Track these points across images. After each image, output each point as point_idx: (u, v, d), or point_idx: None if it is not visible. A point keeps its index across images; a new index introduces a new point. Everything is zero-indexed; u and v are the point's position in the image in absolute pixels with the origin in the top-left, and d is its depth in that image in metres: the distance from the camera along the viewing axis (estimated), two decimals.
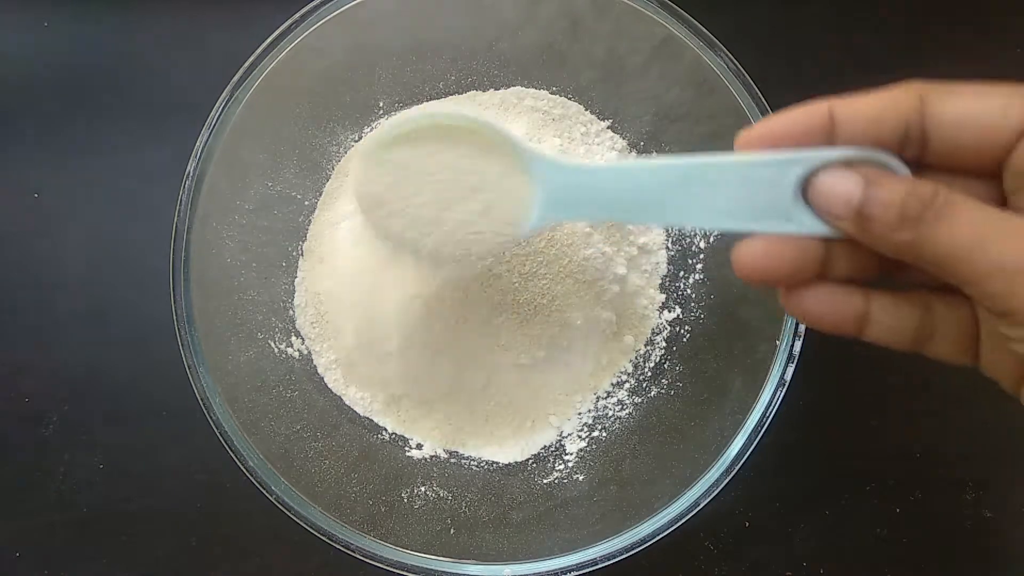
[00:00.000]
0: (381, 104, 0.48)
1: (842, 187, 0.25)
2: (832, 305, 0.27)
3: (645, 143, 0.48)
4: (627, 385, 0.46)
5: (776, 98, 0.40)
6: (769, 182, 0.27)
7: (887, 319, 0.27)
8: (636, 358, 0.47)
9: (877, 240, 0.25)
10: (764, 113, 0.40)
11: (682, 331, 0.46)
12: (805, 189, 0.26)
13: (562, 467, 0.45)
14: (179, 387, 0.39)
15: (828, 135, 0.26)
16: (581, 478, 0.44)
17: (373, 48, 0.45)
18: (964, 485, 0.47)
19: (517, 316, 0.42)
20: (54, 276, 0.49)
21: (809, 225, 0.27)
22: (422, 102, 0.48)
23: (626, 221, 0.29)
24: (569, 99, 0.48)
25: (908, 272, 0.28)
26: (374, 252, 0.43)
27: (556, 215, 0.31)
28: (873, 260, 0.27)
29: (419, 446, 0.45)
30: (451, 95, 0.48)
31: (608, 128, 0.48)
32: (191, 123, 0.40)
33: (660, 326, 0.47)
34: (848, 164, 0.26)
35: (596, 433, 0.46)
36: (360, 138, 0.48)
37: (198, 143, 0.40)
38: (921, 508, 0.47)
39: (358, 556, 0.38)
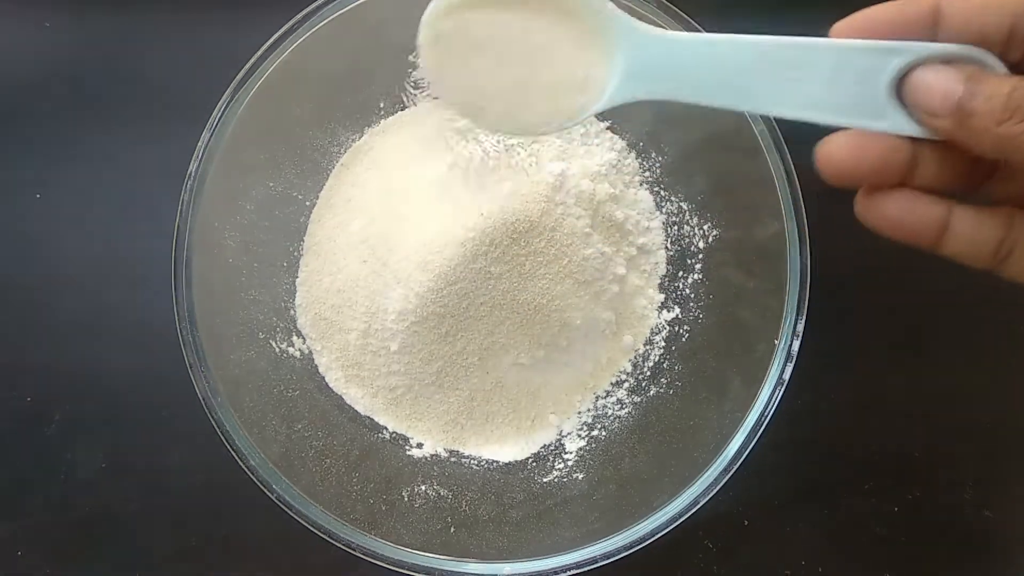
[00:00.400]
0: (381, 104, 0.48)
1: (942, 82, 0.25)
2: (913, 212, 0.27)
3: (644, 144, 0.48)
4: (626, 384, 0.47)
5: None
6: (864, 72, 0.26)
7: (968, 231, 0.27)
8: (635, 358, 0.47)
9: (977, 136, 0.25)
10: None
11: (681, 331, 0.46)
12: (899, 86, 0.26)
13: (562, 466, 0.45)
14: (180, 387, 0.39)
15: (931, 29, 0.25)
16: (580, 477, 0.44)
17: (374, 49, 0.45)
18: (964, 485, 0.47)
19: (517, 316, 0.43)
20: (55, 276, 0.49)
21: (901, 124, 0.26)
22: (423, 102, 0.48)
23: (707, 103, 0.28)
24: None
25: (992, 186, 0.27)
26: (375, 251, 0.44)
27: (634, 90, 0.29)
28: (959, 169, 0.27)
29: (419, 445, 0.45)
30: None
31: (607, 128, 0.48)
32: (192, 123, 0.40)
33: (659, 326, 0.47)
34: (947, 62, 0.25)
35: (595, 432, 0.46)
36: (361, 136, 0.48)
37: (199, 144, 0.40)
38: (921, 508, 0.47)
39: (359, 554, 0.38)
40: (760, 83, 0.27)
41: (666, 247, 0.48)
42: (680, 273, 0.47)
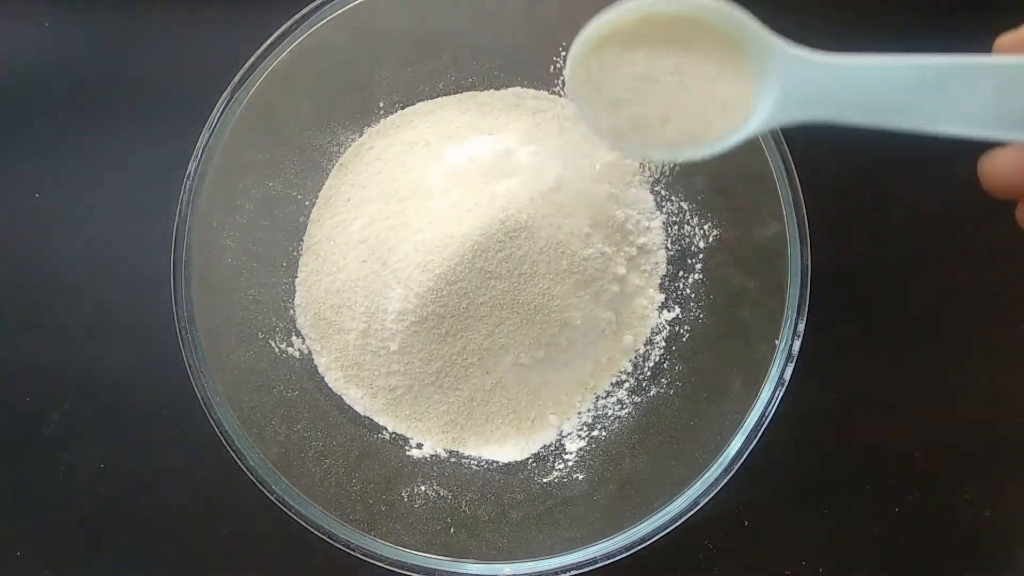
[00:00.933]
0: (381, 104, 0.48)
1: None
2: None
3: None
4: (626, 384, 0.47)
5: None
6: None
7: None
8: (635, 358, 0.47)
9: None
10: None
11: (681, 331, 0.46)
12: None
13: (562, 466, 0.45)
14: (179, 387, 0.39)
15: None
16: (581, 477, 0.44)
17: (373, 48, 0.45)
18: (964, 485, 0.47)
19: (517, 316, 0.43)
20: (54, 276, 0.49)
21: None
22: (422, 102, 0.48)
23: (865, 125, 0.28)
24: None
25: None
26: (374, 251, 0.44)
27: (791, 114, 0.29)
28: None
29: (419, 445, 0.45)
30: (450, 95, 0.48)
31: None
32: (191, 123, 0.40)
33: (659, 326, 0.47)
34: None
35: (596, 432, 0.46)
36: (361, 136, 0.48)
37: (199, 143, 0.40)
38: (920, 508, 0.47)
39: (358, 555, 0.38)
40: (923, 103, 0.27)
41: (666, 247, 0.48)
42: (680, 273, 0.47)
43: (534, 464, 0.45)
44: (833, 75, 0.28)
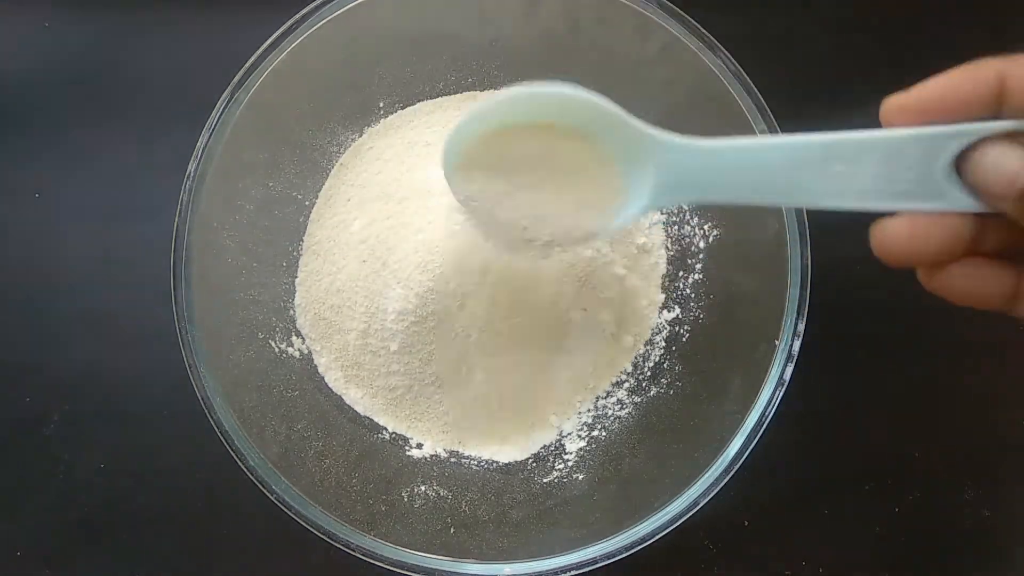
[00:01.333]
0: (381, 104, 0.48)
1: (1007, 164, 0.23)
2: (980, 281, 0.26)
3: None
4: (627, 385, 0.47)
5: (776, 99, 0.40)
6: (920, 159, 0.24)
7: None
8: (636, 358, 0.47)
9: None
10: (764, 114, 0.39)
11: (681, 331, 0.46)
12: (958, 163, 0.24)
13: (562, 466, 0.45)
14: (179, 387, 0.39)
15: (993, 105, 0.24)
16: (581, 477, 0.44)
17: (373, 48, 0.45)
18: (963, 485, 0.47)
19: (517, 316, 0.43)
20: (54, 276, 0.49)
21: (963, 202, 0.24)
22: (422, 102, 0.48)
23: (752, 203, 0.28)
24: None
25: None
26: (374, 251, 0.44)
27: (671, 198, 0.29)
28: None
29: (419, 445, 0.45)
30: (450, 95, 0.48)
31: None
32: (191, 123, 0.40)
33: (659, 326, 0.47)
34: (1011, 136, 0.23)
35: (596, 432, 0.46)
36: (361, 136, 0.48)
37: (199, 144, 0.40)
38: (920, 508, 0.47)
39: (358, 555, 0.38)
40: (807, 181, 0.26)
41: (666, 247, 0.48)
42: (680, 273, 0.47)
43: (534, 464, 0.45)
44: (707, 159, 0.28)
